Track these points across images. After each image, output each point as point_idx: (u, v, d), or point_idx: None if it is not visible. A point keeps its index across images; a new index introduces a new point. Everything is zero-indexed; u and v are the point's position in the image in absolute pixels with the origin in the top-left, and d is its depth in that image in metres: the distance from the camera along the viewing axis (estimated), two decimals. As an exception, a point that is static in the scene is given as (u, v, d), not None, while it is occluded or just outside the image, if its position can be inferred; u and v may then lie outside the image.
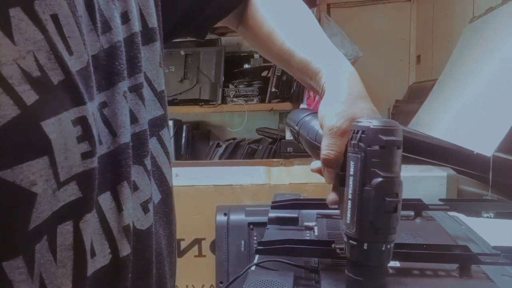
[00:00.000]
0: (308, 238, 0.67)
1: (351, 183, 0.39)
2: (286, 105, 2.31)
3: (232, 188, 1.58)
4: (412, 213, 0.74)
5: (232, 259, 0.94)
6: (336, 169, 0.42)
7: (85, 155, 0.28)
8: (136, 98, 0.36)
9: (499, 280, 0.50)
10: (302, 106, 2.17)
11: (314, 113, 0.50)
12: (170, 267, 0.43)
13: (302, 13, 0.53)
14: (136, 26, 0.36)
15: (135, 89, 0.36)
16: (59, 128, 0.26)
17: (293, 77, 2.59)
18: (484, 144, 0.98)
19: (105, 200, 0.32)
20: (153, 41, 0.40)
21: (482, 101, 1.18)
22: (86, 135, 0.28)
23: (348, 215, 0.39)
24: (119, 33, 0.34)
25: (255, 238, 0.79)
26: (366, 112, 0.42)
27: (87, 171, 0.28)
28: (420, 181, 1.03)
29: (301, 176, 1.74)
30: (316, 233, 0.68)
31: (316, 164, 0.45)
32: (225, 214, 0.99)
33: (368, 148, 0.37)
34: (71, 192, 0.28)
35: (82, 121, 0.28)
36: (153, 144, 0.39)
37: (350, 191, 0.39)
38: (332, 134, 0.41)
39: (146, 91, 0.37)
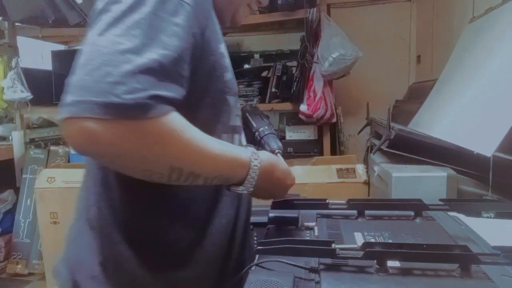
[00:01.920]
0: (308, 238, 0.67)
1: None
2: (286, 105, 2.31)
3: (232, 188, 1.57)
4: (412, 213, 0.74)
5: (232, 259, 0.94)
6: None
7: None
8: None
9: (499, 280, 0.50)
10: (302, 106, 2.18)
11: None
12: None
13: None
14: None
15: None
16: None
17: (293, 78, 2.56)
18: (484, 144, 0.98)
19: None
20: None
21: (482, 101, 1.18)
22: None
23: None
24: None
25: (255, 238, 0.79)
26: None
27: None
28: (420, 181, 1.03)
29: (301, 176, 1.74)
30: (316, 233, 0.68)
31: None
32: (225, 214, 0.98)
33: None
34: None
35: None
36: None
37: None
38: None
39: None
